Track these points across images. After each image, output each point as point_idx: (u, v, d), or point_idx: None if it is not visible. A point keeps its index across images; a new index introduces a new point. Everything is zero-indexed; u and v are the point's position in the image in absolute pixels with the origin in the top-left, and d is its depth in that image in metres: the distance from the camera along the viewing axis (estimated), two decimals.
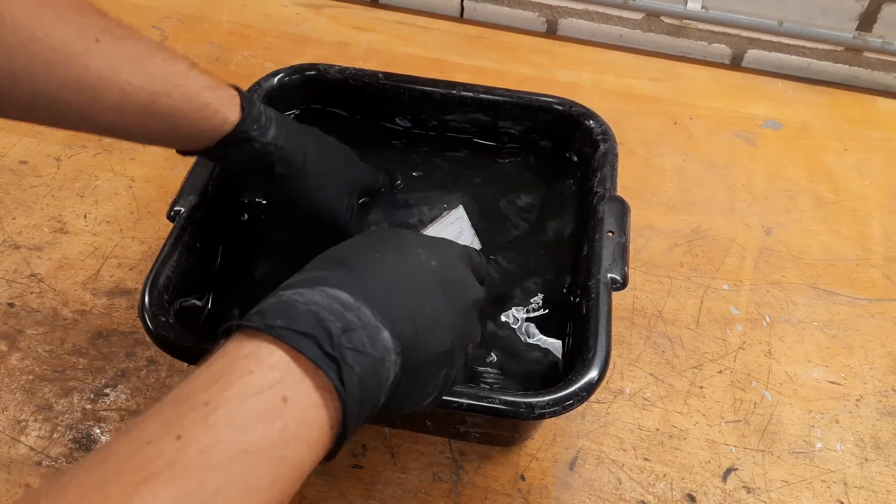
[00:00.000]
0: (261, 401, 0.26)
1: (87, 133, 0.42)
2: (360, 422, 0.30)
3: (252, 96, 0.46)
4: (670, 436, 0.52)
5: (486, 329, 0.49)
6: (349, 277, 0.32)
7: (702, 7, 0.81)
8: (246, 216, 0.57)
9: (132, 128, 0.42)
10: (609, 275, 0.47)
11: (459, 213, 0.56)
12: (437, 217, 0.56)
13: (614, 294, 0.47)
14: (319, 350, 0.28)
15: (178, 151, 0.45)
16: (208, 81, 0.43)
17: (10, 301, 0.58)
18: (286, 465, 0.26)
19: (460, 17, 0.88)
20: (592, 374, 0.42)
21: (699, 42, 0.84)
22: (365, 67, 0.60)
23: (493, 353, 0.50)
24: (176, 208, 0.50)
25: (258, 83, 0.58)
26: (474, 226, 0.56)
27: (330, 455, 0.29)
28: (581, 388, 0.41)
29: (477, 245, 0.55)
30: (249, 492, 0.25)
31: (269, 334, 0.28)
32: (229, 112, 0.44)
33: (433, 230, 0.54)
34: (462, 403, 0.41)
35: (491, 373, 0.49)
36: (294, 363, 0.27)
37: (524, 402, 0.41)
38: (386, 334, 0.30)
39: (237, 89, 0.45)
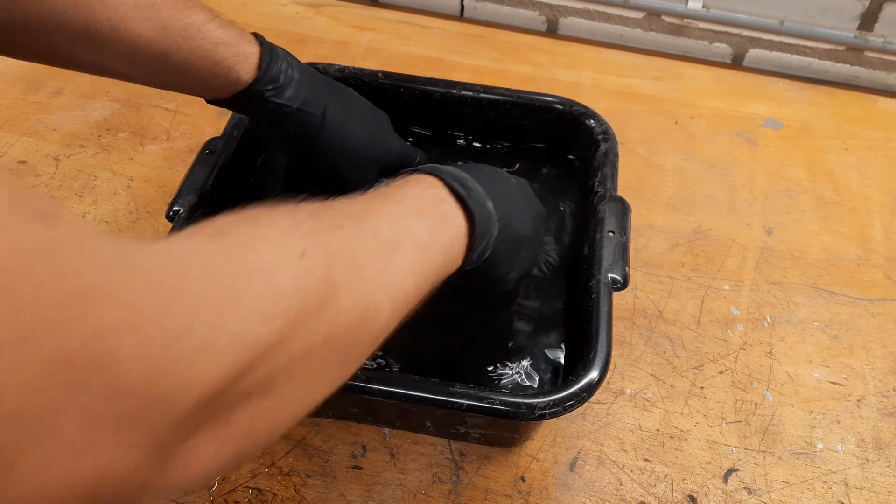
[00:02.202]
0: (429, 193, 0.37)
1: (110, 78, 0.43)
2: (479, 249, 0.39)
3: (277, 51, 0.46)
4: (671, 436, 0.52)
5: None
6: (464, 171, 0.40)
7: (703, 6, 0.80)
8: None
9: (147, 78, 0.43)
10: (610, 275, 0.47)
11: None
12: None
13: (615, 294, 0.47)
14: (461, 188, 0.38)
15: (206, 101, 0.46)
16: (227, 35, 0.43)
17: None
18: (447, 233, 0.36)
19: (460, 16, 0.88)
20: (593, 374, 0.42)
21: (700, 41, 0.84)
22: (365, 67, 0.60)
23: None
24: (175, 208, 0.49)
25: None
26: None
27: (461, 266, 0.38)
28: (581, 389, 0.41)
29: None
30: (433, 233, 0.35)
31: (427, 174, 0.39)
32: (244, 71, 0.44)
33: None
34: (462, 404, 0.41)
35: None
36: (444, 188, 0.38)
37: (524, 403, 0.41)
38: (490, 204, 0.39)
39: (261, 42, 0.45)
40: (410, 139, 0.62)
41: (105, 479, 0.19)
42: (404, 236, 0.33)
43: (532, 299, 0.53)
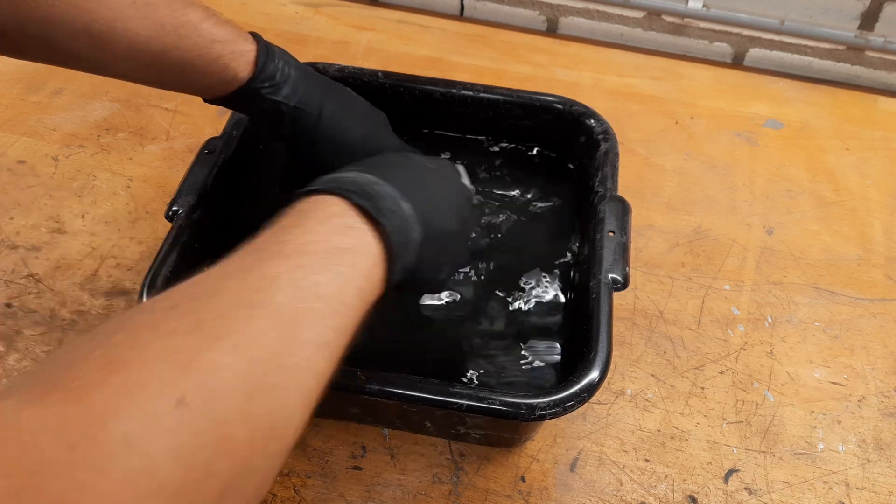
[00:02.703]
0: (333, 223, 0.33)
1: (108, 77, 0.42)
2: (401, 267, 0.35)
3: (274, 49, 0.46)
4: (672, 437, 0.52)
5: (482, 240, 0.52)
6: (371, 169, 0.37)
7: (703, 5, 0.80)
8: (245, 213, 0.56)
9: (146, 77, 0.43)
10: (610, 275, 0.47)
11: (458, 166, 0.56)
12: None
13: (615, 294, 0.46)
14: (365, 202, 0.34)
15: (204, 99, 0.46)
16: (223, 33, 0.42)
17: (7, 302, 0.57)
18: (359, 270, 0.32)
19: (460, 16, 0.88)
20: (593, 374, 0.42)
21: (700, 41, 0.84)
22: (364, 66, 0.60)
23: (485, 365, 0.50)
24: (174, 208, 0.49)
25: None
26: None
27: (385, 289, 0.35)
28: (582, 389, 0.41)
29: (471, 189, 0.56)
30: (339, 279, 0.31)
31: (324, 193, 0.35)
32: (240, 68, 0.44)
33: None
34: (462, 404, 0.41)
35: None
36: (349, 208, 0.34)
37: (525, 404, 0.41)
38: (406, 205, 0.36)
39: (258, 41, 0.45)
40: (409, 137, 0.62)
41: None
42: (307, 303, 0.29)
43: (532, 299, 0.53)
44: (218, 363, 0.24)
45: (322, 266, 0.30)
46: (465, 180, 0.49)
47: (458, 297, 0.53)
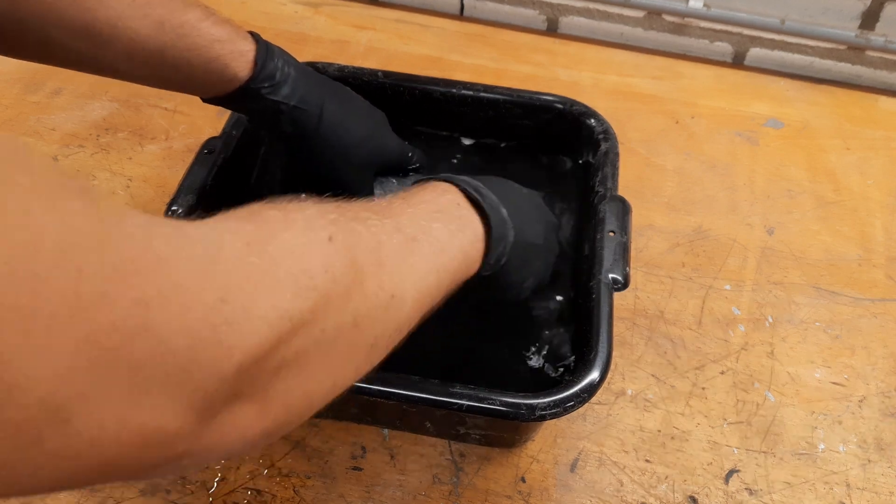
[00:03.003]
0: (446, 198, 0.39)
1: (107, 77, 0.43)
2: (496, 255, 0.40)
3: (273, 49, 0.46)
4: (672, 437, 0.52)
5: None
6: (476, 180, 0.41)
7: (703, 5, 0.80)
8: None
9: (145, 76, 0.43)
10: (610, 275, 0.47)
11: None
12: None
13: (615, 294, 0.46)
14: (476, 193, 0.39)
15: (203, 99, 0.46)
16: (222, 33, 0.43)
17: None
18: (463, 236, 0.37)
19: (460, 15, 0.88)
20: (593, 375, 0.42)
21: (701, 40, 0.84)
22: (364, 66, 0.60)
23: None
24: (173, 208, 0.49)
25: None
26: None
27: (478, 272, 0.39)
28: (582, 390, 0.41)
29: None
30: (450, 233, 0.36)
31: (443, 180, 0.40)
32: (239, 68, 0.44)
33: None
34: (462, 405, 0.41)
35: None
36: (460, 193, 0.39)
37: (525, 404, 0.40)
38: (504, 210, 0.40)
39: (257, 40, 0.45)
40: (409, 137, 0.62)
41: (152, 437, 0.21)
42: (424, 235, 0.34)
43: (531, 299, 0.53)
44: (356, 230, 0.30)
45: (437, 219, 0.36)
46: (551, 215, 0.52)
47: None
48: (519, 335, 0.51)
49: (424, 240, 0.34)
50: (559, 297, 0.53)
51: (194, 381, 0.21)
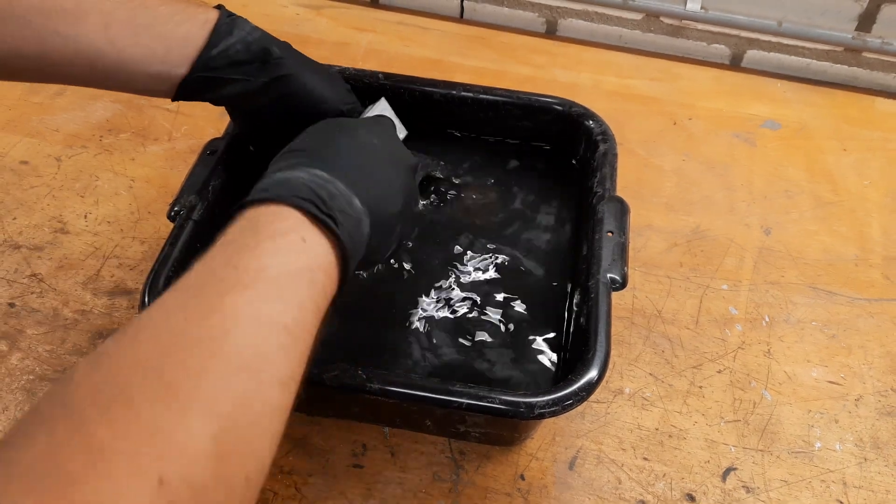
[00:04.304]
0: (288, 240, 0.32)
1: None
2: (353, 267, 0.36)
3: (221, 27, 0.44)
4: (670, 435, 0.52)
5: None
6: (318, 160, 0.37)
7: (701, 7, 0.81)
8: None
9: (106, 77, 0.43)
10: (608, 275, 0.47)
11: (383, 104, 0.55)
12: (364, 111, 0.54)
13: (614, 294, 0.47)
14: (318, 210, 0.34)
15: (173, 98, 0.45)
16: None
17: (10, 301, 0.58)
18: (317, 287, 0.32)
19: (460, 18, 0.88)
20: (592, 373, 0.42)
21: (699, 42, 0.84)
22: (365, 68, 0.60)
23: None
24: (176, 208, 0.50)
25: None
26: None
27: (339, 292, 0.35)
28: (580, 388, 0.41)
29: (403, 132, 0.56)
30: (298, 303, 0.31)
31: (277, 202, 0.34)
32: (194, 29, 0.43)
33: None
34: (462, 403, 0.41)
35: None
36: (304, 218, 0.34)
37: (524, 402, 0.41)
38: (357, 201, 0.36)
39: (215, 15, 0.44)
40: (408, 138, 0.62)
41: None
42: (270, 339, 0.29)
43: (531, 299, 0.54)
44: (190, 432, 0.24)
45: (281, 291, 0.30)
46: (402, 133, 0.49)
47: (467, 296, 0.53)
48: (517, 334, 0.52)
49: (272, 351, 0.28)
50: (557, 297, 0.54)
51: None
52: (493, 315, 0.53)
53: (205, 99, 0.46)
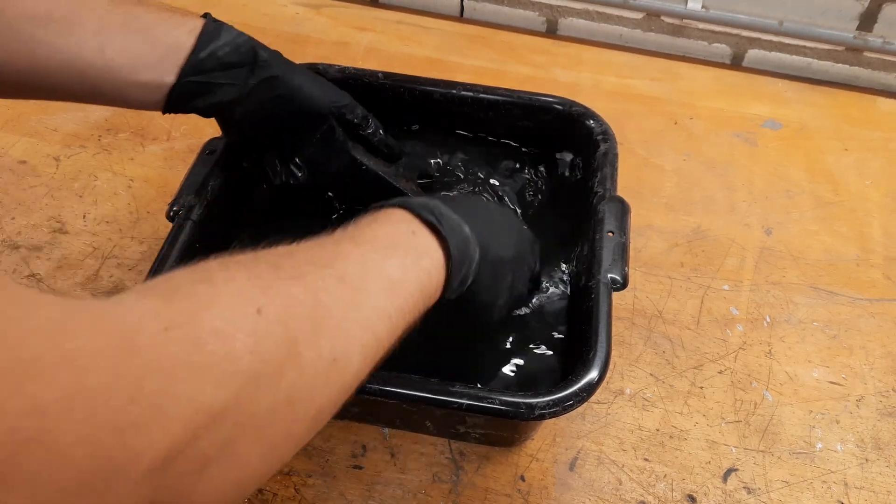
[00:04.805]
0: (402, 227, 0.37)
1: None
2: (458, 278, 0.38)
3: (211, 30, 0.44)
4: (670, 436, 0.52)
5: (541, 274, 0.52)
6: (436, 200, 0.40)
7: (702, 7, 0.80)
8: (245, 214, 0.57)
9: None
10: (609, 275, 0.47)
11: None
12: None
13: (614, 294, 0.47)
14: (432, 216, 0.37)
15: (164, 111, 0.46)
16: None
17: None
18: (422, 269, 0.35)
19: (460, 17, 0.88)
20: (592, 374, 0.42)
21: (699, 42, 0.84)
22: (365, 67, 0.60)
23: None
24: (175, 208, 0.49)
25: None
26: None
27: (442, 296, 0.37)
28: (581, 389, 0.41)
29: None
30: (402, 267, 0.34)
31: (396, 207, 0.38)
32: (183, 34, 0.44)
33: None
34: (462, 404, 0.41)
35: None
36: (416, 219, 0.37)
37: (524, 403, 0.41)
38: (467, 227, 0.39)
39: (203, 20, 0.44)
40: (408, 138, 0.62)
41: None
42: (373, 278, 0.32)
43: (532, 299, 0.53)
44: (291, 293, 0.28)
45: (389, 255, 0.34)
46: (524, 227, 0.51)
47: None
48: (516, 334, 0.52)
49: (373, 285, 0.32)
50: (558, 297, 0.53)
51: (100, 491, 0.19)
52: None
53: (195, 107, 0.46)
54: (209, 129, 0.70)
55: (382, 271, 0.33)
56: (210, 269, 0.27)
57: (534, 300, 0.53)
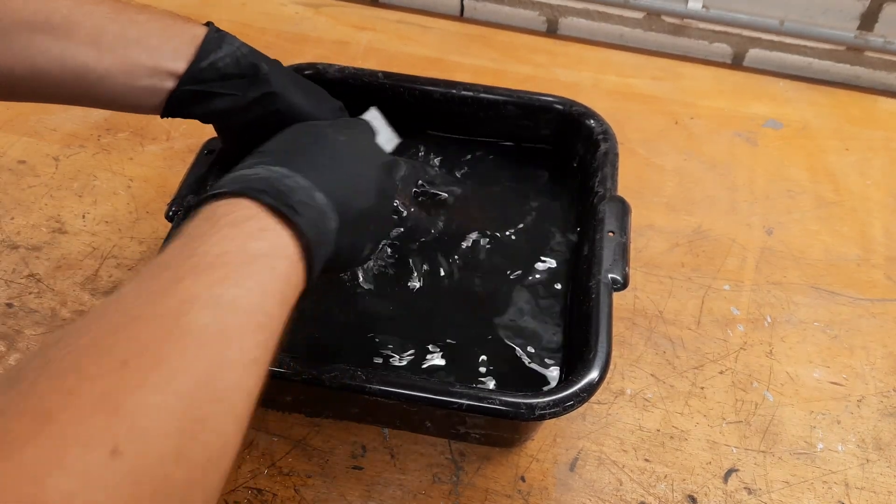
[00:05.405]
0: (245, 228, 0.32)
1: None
2: (321, 261, 0.35)
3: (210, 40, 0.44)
4: (671, 437, 0.52)
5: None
6: (280, 158, 0.37)
7: (703, 6, 0.80)
8: None
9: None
10: (610, 275, 0.47)
11: (372, 113, 0.52)
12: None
13: (615, 294, 0.47)
14: (277, 201, 0.33)
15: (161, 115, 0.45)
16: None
17: (8, 301, 0.57)
18: (278, 275, 0.31)
19: (460, 16, 0.88)
20: (593, 374, 0.42)
21: (700, 41, 0.84)
22: (364, 67, 0.60)
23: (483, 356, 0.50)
24: (174, 208, 0.49)
25: None
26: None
27: (306, 285, 0.34)
28: (581, 389, 0.41)
29: (396, 140, 0.52)
30: (260, 289, 0.30)
31: (233, 196, 0.33)
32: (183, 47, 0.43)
33: None
34: (462, 404, 0.41)
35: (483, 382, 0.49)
36: (262, 210, 0.33)
37: (524, 403, 0.41)
38: (320, 194, 0.35)
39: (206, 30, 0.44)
40: (408, 138, 0.62)
41: None
42: (230, 322, 0.28)
43: (531, 299, 0.53)
44: (147, 404, 0.23)
45: (240, 277, 0.29)
46: (383, 138, 0.48)
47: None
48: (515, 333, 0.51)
49: (234, 333, 0.28)
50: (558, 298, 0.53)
51: None
52: (494, 315, 0.52)
53: (193, 114, 0.45)
54: (208, 129, 0.70)
55: (238, 305, 0.28)
56: (45, 395, 0.22)
57: (534, 300, 0.53)
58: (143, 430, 0.22)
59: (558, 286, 0.54)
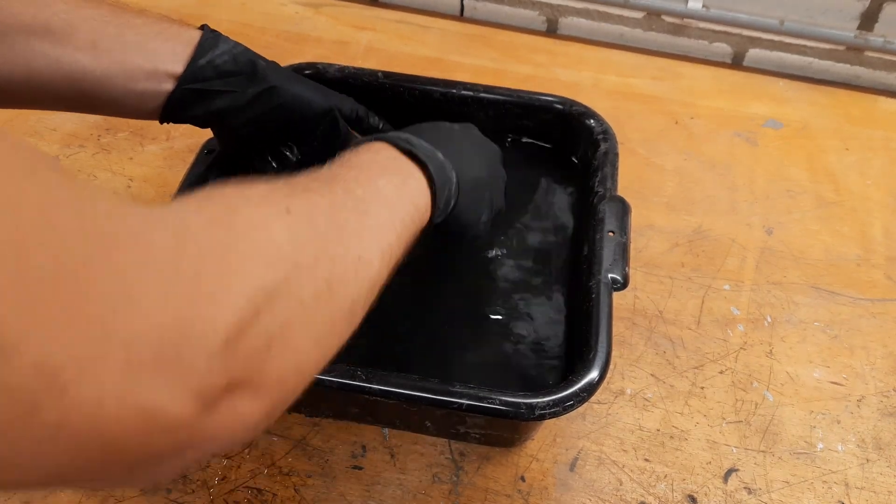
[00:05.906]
0: (385, 154, 0.39)
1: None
2: (443, 196, 0.41)
3: (205, 42, 0.45)
4: (671, 436, 0.52)
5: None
6: (407, 133, 0.42)
7: (703, 6, 0.80)
8: None
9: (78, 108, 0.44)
10: (610, 275, 0.47)
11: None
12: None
13: (615, 294, 0.47)
14: (408, 144, 0.40)
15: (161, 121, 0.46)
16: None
17: None
18: (410, 187, 0.38)
19: (460, 16, 0.88)
20: (593, 374, 0.42)
21: (700, 41, 0.84)
22: (364, 66, 0.60)
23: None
24: None
25: None
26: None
27: (432, 214, 0.40)
28: (581, 389, 0.41)
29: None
30: (397, 187, 0.37)
31: (374, 141, 0.40)
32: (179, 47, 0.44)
33: None
34: (462, 404, 0.41)
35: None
36: (395, 150, 0.40)
37: (524, 403, 0.41)
38: (440, 154, 0.41)
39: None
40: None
41: (153, 421, 0.21)
42: (372, 195, 0.35)
43: (532, 299, 0.53)
44: (312, 199, 0.31)
45: (379, 176, 0.36)
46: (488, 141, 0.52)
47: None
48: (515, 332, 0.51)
49: (374, 198, 0.35)
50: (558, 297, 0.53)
51: (184, 358, 0.21)
52: (494, 315, 0.52)
53: (192, 115, 0.46)
54: (208, 129, 0.70)
55: (379, 189, 0.36)
56: (234, 184, 0.29)
57: (534, 299, 0.53)
58: (310, 207, 0.30)
59: (558, 286, 0.54)
